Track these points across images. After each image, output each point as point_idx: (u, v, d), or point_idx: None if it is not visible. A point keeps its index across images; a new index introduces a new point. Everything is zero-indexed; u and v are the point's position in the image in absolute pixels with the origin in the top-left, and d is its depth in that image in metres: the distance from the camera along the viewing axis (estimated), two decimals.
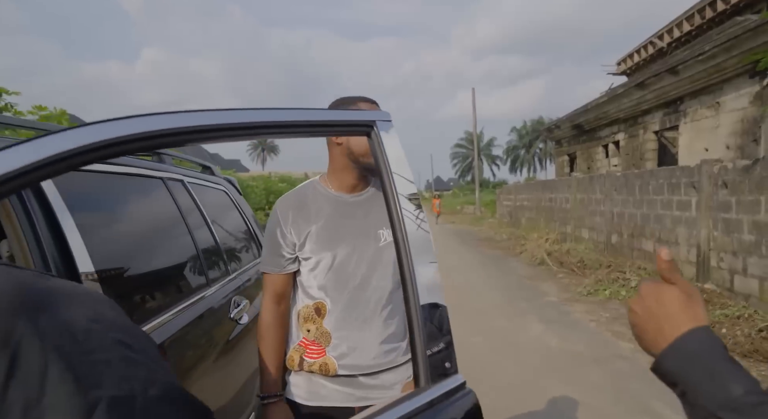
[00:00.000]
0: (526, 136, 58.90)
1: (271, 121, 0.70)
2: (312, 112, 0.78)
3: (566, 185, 11.90)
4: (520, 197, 17.11)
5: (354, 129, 0.86)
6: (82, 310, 0.66)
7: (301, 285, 1.41)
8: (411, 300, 0.80)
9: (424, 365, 0.79)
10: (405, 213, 0.84)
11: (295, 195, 1.44)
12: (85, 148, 0.53)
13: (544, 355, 4.46)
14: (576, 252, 9.60)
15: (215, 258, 1.86)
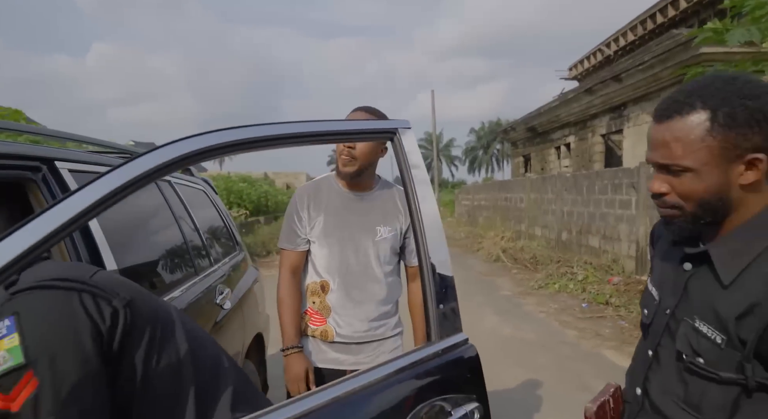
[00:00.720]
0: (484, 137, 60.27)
1: (318, 130, 0.91)
2: (349, 123, 1.01)
3: (521, 185, 12.47)
4: (477, 197, 17.68)
5: (382, 135, 1.06)
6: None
7: (311, 263, 1.66)
8: (425, 271, 0.98)
9: (435, 323, 0.97)
10: (421, 200, 1.01)
11: (314, 185, 1.69)
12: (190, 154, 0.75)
13: (498, 343, 4.82)
14: (529, 249, 10.12)
15: (200, 251, 2.06)
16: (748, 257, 0.84)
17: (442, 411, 0.89)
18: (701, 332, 0.87)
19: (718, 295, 0.86)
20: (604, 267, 7.56)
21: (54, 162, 1.21)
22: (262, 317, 2.74)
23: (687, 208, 0.87)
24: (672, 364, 0.94)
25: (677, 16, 13.44)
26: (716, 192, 0.85)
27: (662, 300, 0.98)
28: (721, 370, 0.84)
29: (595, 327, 5.25)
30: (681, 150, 0.83)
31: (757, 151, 0.81)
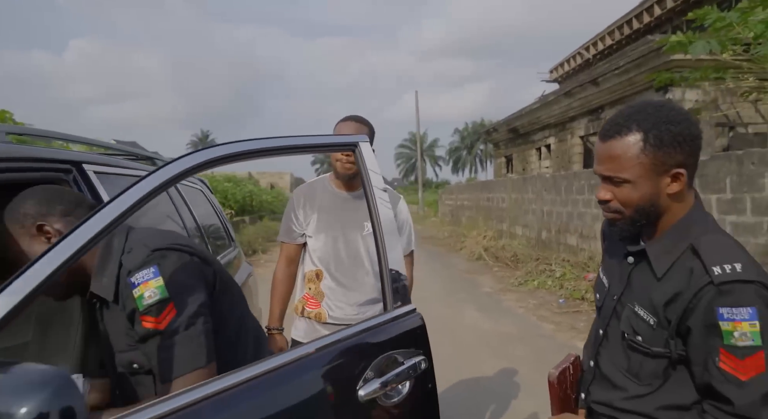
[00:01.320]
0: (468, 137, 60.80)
1: (295, 144, 1.13)
2: (320, 137, 1.22)
3: (503, 186, 12.76)
4: (460, 197, 17.95)
5: (347, 147, 1.29)
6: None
7: (308, 254, 1.88)
8: (381, 258, 1.23)
9: (390, 297, 1.22)
10: (378, 201, 1.26)
11: (308, 186, 1.93)
12: (226, 156, 0.99)
13: (478, 336, 5.04)
14: (510, 248, 10.39)
15: (203, 244, 2.22)
16: (675, 254, 1.03)
17: (396, 361, 1.15)
18: (639, 316, 1.07)
19: (653, 286, 1.05)
20: (581, 265, 7.85)
21: (82, 164, 1.37)
22: (255, 310, 2.90)
23: (626, 212, 1.05)
24: (618, 341, 1.13)
25: (652, 23, 13.87)
26: (649, 199, 1.03)
27: (611, 287, 1.18)
28: (653, 346, 1.04)
29: (571, 321, 5.51)
30: (621, 165, 1.01)
31: (680, 166, 1.00)
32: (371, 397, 1.07)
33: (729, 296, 0.92)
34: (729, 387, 0.93)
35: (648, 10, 13.89)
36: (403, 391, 1.14)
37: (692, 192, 1.08)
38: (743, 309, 0.91)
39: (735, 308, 0.91)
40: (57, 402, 0.53)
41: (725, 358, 0.93)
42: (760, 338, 0.90)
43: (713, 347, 0.95)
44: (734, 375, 0.92)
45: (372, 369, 1.10)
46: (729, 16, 5.07)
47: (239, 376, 0.92)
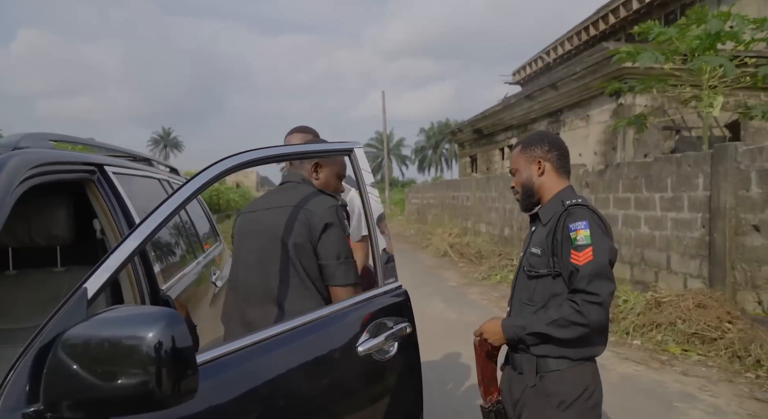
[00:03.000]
0: (434, 137, 61.54)
1: (301, 151, 1.44)
2: (324, 145, 1.53)
3: (467, 185, 13.20)
4: (426, 195, 18.35)
5: (342, 152, 1.57)
6: None
7: None
8: (373, 242, 1.54)
9: (381, 273, 1.53)
10: (371, 198, 1.54)
11: None
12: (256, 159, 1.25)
13: (444, 325, 5.37)
14: (475, 244, 10.82)
15: (195, 238, 2.43)
16: (554, 211, 1.59)
17: (386, 326, 1.45)
18: (533, 253, 1.60)
19: (541, 230, 1.62)
20: None
21: (104, 166, 1.58)
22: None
23: (520, 191, 1.69)
24: (523, 279, 1.63)
25: (607, 30, 14.60)
26: (527, 180, 1.67)
27: (524, 247, 1.71)
28: (540, 269, 1.56)
29: None
30: (512, 162, 1.73)
31: (540, 158, 1.65)
32: (367, 353, 1.35)
33: (572, 215, 1.51)
34: (574, 272, 1.46)
35: (603, 18, 14.61)
36: (392, 350, 1.43)
37: (565, 180, 1.65)
38: (581, 223, 1.48)
39: (576, 222, 1.49)
40: (170, 330, 0.78)
41: (573, 254, 1.47)
42: (589, 239, 1.45)
43: (567, 250, 1.49)
44: (575, 264, 1.46)
45: (368, 331, 1.39)
46: (669, 31, 5.57)
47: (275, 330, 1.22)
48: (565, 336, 1.45)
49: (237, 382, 1.09)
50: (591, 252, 1.44)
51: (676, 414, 3.23)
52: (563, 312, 1.45)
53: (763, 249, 4.55)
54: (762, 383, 3.69)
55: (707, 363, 4.13)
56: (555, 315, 1.46)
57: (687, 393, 3.57)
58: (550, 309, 1.50)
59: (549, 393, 1.51)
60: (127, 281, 1.45)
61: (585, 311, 1.42)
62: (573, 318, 1.43)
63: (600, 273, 1.43)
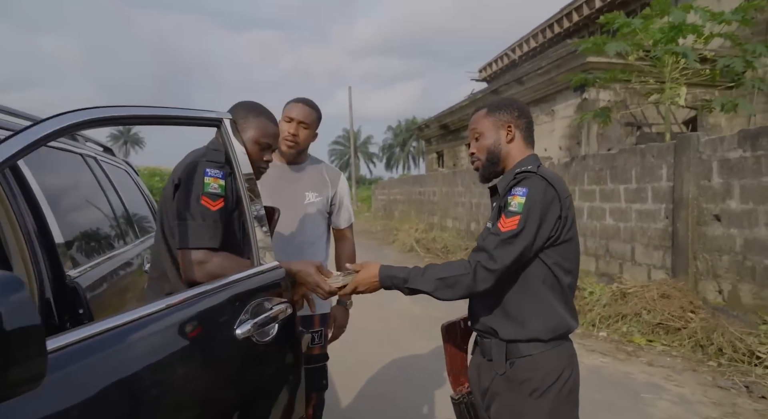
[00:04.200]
0: (401, 134, 61.59)
1: (160, 115, 1.17)
2: (186, 111, 1.28)
3: (434, 180, 13.12)
4: (393, 191, 18.23)
5: (208, 122, 1.35)
6: None
7: None
8: (248, 220, 1.37)
9: (255, 252, 1.37)
10: (244, 177, 1.37)
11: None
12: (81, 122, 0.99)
13: (409, 320, 5.21)
14: (441, 239, 10.74)
15: (128, 223, 2.16)
16: (509, 179, 1.44)
17: (265, 306, 1.31)
18: (487, 227, 1.42)
19: (496, 201, 1.48)
20: None
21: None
22: None
23: (482, 157, 1.50)
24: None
25: (571, 28, 14.80)
26: (493, 145, 1.49)
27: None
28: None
29: None
30: (477, 125, 1.52)
31: (509, 124, 1.48)
32: (246, 335, 1.22)
33: (519, 182, 1.36)
34: (493, 236, 1.33)
35: (568, 16, 14.79)
36: (272, 332, 1.31)
37: (530, 149, 1.52)
38: (521, 189, 1.33)
39: (517, 188, 1.34)
40: (5, 296, 0.58)
41: (502, 219, 1.33)
42: (521, 208, 1.31)
43: (500, 215, 1.36)
44: (498, 228, 1.33)
45: (246, 312, 1.25)
46: (633, 22, 5.57)
47: (136, 313, 1.02)
48: (446, 298, 1.35)
49: (98, 371, 0.89)
50: (518, 221, 1.30)
51: (644, 405, 3.17)
52: (455, 269, 1.33)
53: (724, 239, 4.57)
54: (724, 371, 3.69)
55: (672, 353, 4.12)
56: (444, 272, 1.34)
57: (653, 383, 3.52)
58: (443, 266, 1.37)
59: (521, 381, 1.36)
60: (21, 265, 1.21)
61: (478, 276, 1.31)
62: (462, 280, 1.32)
63: (514, 244, 1.30)
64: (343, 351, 4.30)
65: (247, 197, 1.35)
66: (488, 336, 1.43)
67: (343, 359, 4.00)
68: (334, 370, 3.89)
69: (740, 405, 3.16)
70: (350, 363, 3.92)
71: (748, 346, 3.83)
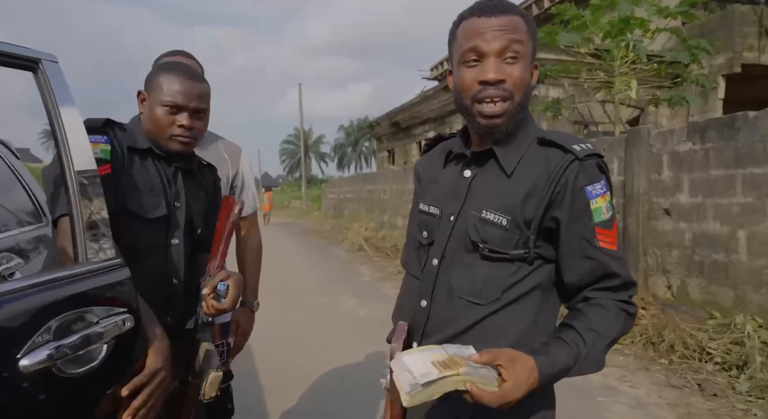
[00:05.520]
0: (353, 134, 61.26)
1: None
2: None
3: (384, 177, 12.85)
4: (344, 190, 17.87)
5: (18, 62, 0.95)
6: None
7: None
8: (73, 200, 0.99)
9: (82, 244, 0.99)
10: (68, 128, 0.99)
11: None
12: None
13: (355, 323, 4.86)
14: (391, 238, 10.46)
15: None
16: (522, 149, 0.97)
17: (85, 320, 0.91)
18: (488, 220, 0.95)
19: (504, 186, 0.95)
20: None
21: None
22: None
23: (516, 97, 0.92)
24: (459, 261, 0.99)
25: None
26: (529, 87, 0.95)
27: (445, 212, 1.03)
28: (507, 249, 0.94)
29: None
30: (519, 37, 0.91)
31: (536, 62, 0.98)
32: (41, 367, 0.81)
33: (588, 171, 0.91)
34: (613, 262, 0.92)
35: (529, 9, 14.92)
36: (97, 357, 0.91)
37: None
38: (598, 184, 0.91)
39: (596, 183, 0.91)
40: None
41: (602, 236, 0.91)
42: (613, 209, 0.94)
43: (588, 229, 0.91)
44: (612, 250, 0.92)
45: (46, 332, 0.84)
46: (584, 14, 5.48)
47: None
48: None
49: None
50: (615, 229, 0.94)
51: (601, 410, 2.97)
52: (617, 325, 0.92)
53: (673, 233, 4.51)
54: (676, 369, 3.58)
55: (624, 352, 3.98)
56: (609, 333, 0.91)
57: (609, 385, 3.34)
58: (602, 323, 0.92)
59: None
60: None
61: (631, 322, 0.96)
62: (626, 329, 0.95)
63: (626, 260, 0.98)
64: (278, 359, 3.92)
65: (71, 163, 0.97)
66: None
67: (277, 368, 3.61)
68: (266, 380, 3.53)
69: (694, 404, 3.03)
70: (285, 372, 3.52)
71: (699, 342, 3.74)
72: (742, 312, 3.81)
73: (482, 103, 0.92)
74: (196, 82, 1.31)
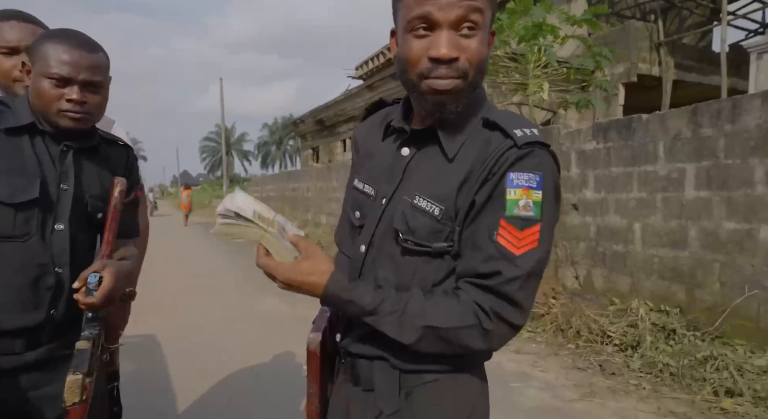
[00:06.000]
0: (277, 132, 60.01)
1: None
2: None
3: (308, 175, 12.68)
4: (267, 188, 17.43)
5: None
6: None
7: None
8: None
9: None
10: None
11: None
12: None
13: (275, 322, 4.73)
14: (314, 236, 10.32)
15: None
16: (467, 131, 0.87)
17: None
18: (419, 207, 0.86)
19: (443, 170, 0.86)
20: None
21: None
22: None
23: (470, 75, 0.81)
24: (386, 251, 0.91)
25: None
26: (486, 59, 0.83)
27: (379, 193, 0.94)
28: (432, 242, 0.85)
29: None
30: (481, 5, 0.78)
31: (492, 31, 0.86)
32: None
33: (525, 160, 0.80)
34: (500, 262, 0.79)
35: None
36: None
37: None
38: (533, 175, 0.79)
39: (527, 173, 0.79)
40: None
41: (504, 232, 0.79)
42: (540, 210, 0.79)
43: (494, 219, 0.80)
44: (509, 250, 0.78)
45: None
46: (501, 17, 5.71)
47: None
48: (432, 351, 0.84)
49: None
50: (538, 233, 0.79)
51: (514, 395, 3.09)
52: (454, 317, 0.80)
53: (581, 227, 4.81)
54: (581, 352, 3.81)
55: (536, 339, 4.19)
56: (437, 318, 0.81)
57: (521, 371, 3.50)
58: (433, 305, 0.82)
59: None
60: None
61: (496, 334, 0.81)
62: (469, 338, 0.81)
63: (538, 274, 0.82)
64: (195, 360, 3.71)
65: None
66: (366, 357, 0.93)
67: (193, 371, 3.41)
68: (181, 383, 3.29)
69: (595, 383, 3.24)
70: (202, 375, 3.34)
71: (601, 327, 4.01)
72: (637, 297, 4.15)
73: (431, 79, 0.81)
74: (87, 51, 1.17)
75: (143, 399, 2.88)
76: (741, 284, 3.50)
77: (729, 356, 3.13)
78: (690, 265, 3.85)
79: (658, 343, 3.57)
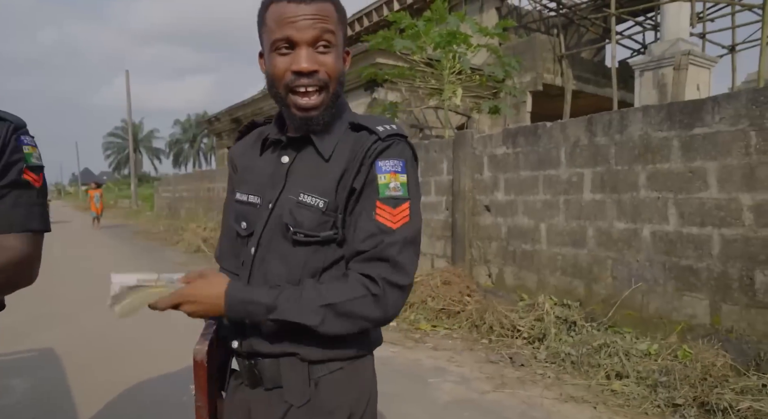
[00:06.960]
0: (191, 129, 57.22)
1: None
2: None
3: (224, 175, 12.22)
4: (179, 188, 16.57)
5: None
6: None
7: None
8: None
9: None
10: None
11: None
12: None
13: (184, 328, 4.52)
14: None
15: None
16: (338, 135, 0.99)
17: None
18: (304, 203, 0.95)
19: (322, 169, 0.97)
20: None
21: None
22: None
23: (330, 87, 0.94)
24: (275, 248, 0.97)
25: (370, 27, 15.51)
26: (342, 73, 0.97)
27: (264, 198, 1.01)
28: (320, 232, 0.94)
29: None
30: (330, 26, 0.92)
31: (347, 48, 1.00)
32: None
33: (388, 150, 0.95)
34: (379, 236, 0.91)
35: (359, 20, 15.43)
36: None
37: None
38: (396, 161, 0.94)
39: (392, 160, 0.94)
40: None
41: (380, 211, 0.92)
42: (406, 191, 0.94)
43: (370, 201, 0.93)
44: (387, 225, 0.92)
45: None
46: (418, 24, 5.89)
47: None
48: (339, 331, 0.90)
49: None
50: (408, 209, 0.93)
51: (431, 390, 3.21)
52: (347, 290, 0.89)
53: (493, 227, 5.09)
54: (494, 346, 4.04)
55: (453, 336, 4.36)
56: (332, 295, 0.89)
57: (439, 367, 3.63)
58: (326, 287, 0.91)
59: (331, 409, 0.96)
60: None
61: (387, 298, 0.90)
62: (364, 308, 0.89)
63: (414, 241, 0.95)
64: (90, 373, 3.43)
65: None
66: (267, 355, 0.97)
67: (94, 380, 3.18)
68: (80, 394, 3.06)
69: (506, 375, 3.44)
70: (102, 385, 3.12)
71: (512, 322, 4.27)
72: (543, 293, 4.46)
73: (297, 95, 0.93)
74: None
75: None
76: (629, 278, 3.89)
77: (619, 343, 3.47)
78: (588, 262, 4.22)
79: (561, 335, 3.87)
